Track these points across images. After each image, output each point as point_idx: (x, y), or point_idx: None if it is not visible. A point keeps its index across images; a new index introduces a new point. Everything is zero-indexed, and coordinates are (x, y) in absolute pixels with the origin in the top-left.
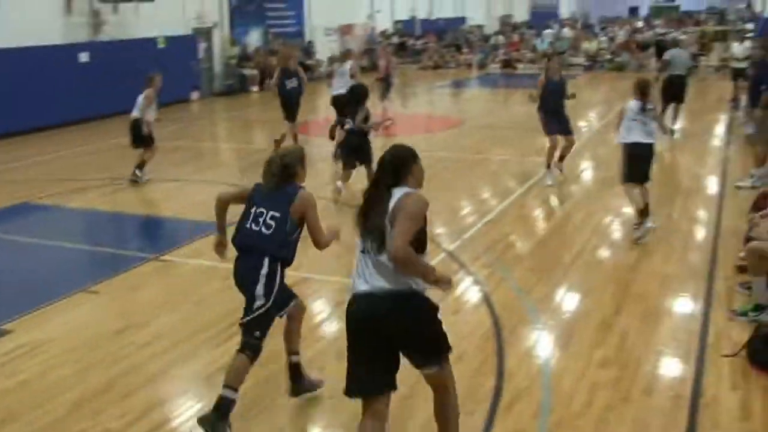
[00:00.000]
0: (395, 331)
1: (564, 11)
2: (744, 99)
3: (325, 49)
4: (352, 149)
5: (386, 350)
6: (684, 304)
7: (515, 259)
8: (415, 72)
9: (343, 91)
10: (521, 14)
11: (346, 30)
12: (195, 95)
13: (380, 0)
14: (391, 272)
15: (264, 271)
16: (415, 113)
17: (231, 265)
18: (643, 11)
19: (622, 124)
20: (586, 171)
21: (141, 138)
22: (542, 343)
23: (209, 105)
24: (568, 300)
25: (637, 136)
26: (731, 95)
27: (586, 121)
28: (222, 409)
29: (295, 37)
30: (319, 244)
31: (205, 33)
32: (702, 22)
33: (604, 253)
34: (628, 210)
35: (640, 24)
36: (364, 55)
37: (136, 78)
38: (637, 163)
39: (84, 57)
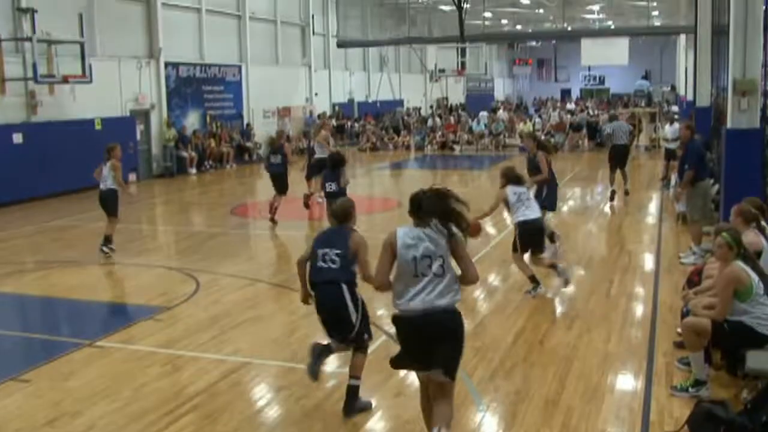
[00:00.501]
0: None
1: (498, 94)
2: (674, 178)
3: (263, 131)
4: None
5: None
6: (625, 382)
7: None
8: (354, 154)
9: (323, 155)
10: (457, 97)
11: (284, 113)
12: (132, 177)
13: (318, 83)
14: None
15: (347, 295)
16: (354, 194)
17: (174, 351)
18: (575, 93)
19: (512, 207)
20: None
21: (115, 209)
22: (486, 426)
23: (147, 187)
24: (511, 380)
25: (529, 215)
26: (663, 174)
27: None
28: (352, 391)
29: (234, 119)
30: (369, 279)
31: (142, 115)
32: (630, 104)
33: (544, 331)
34: (569, 289)
35: (572, 106)
36: (303, 137)
37: (71, 160)
38: (531, 237)
39: (18, 138)
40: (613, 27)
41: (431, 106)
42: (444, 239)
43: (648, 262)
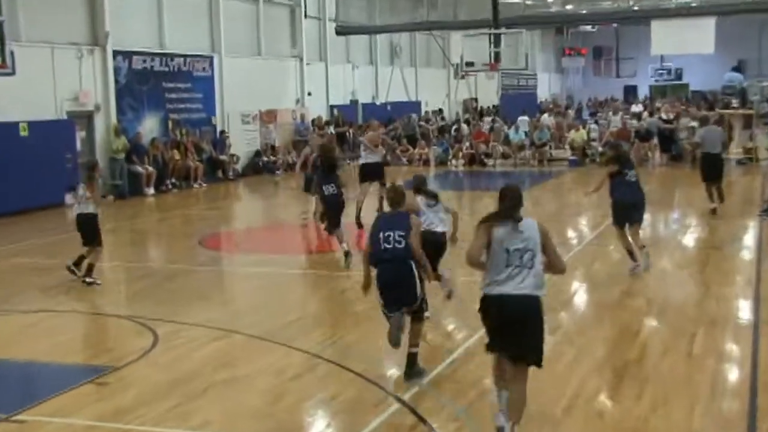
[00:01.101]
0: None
1: (543, 93)
2: None
3: (241, 140)
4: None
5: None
6: None
7: (492, 409)
8: (357, 168)
9: (374, 159)
10: (489, 97)
11: (268, 117)
12: (70, 199)
13: (312, 80)
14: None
15: (414, 271)
16: (353, 223)
17: (122, 425)
18: (643, 91)
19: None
20: (579, 293)
21: (95, 235)
22: None
23: None
24: None
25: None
26: (764, 196)
27: (574, 231)
28: (412, 359)
29: (204, 125)
30: (416, 253)
31: (84, 118)
32: (716, 104)
33: (605, 399)
34: (636, 345)
35: (638, 107)
36: (293, 148)
37: None
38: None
39: None
40: (694, 4)
41: (458, 112)
42: (536, 234)
43: (743, 310)
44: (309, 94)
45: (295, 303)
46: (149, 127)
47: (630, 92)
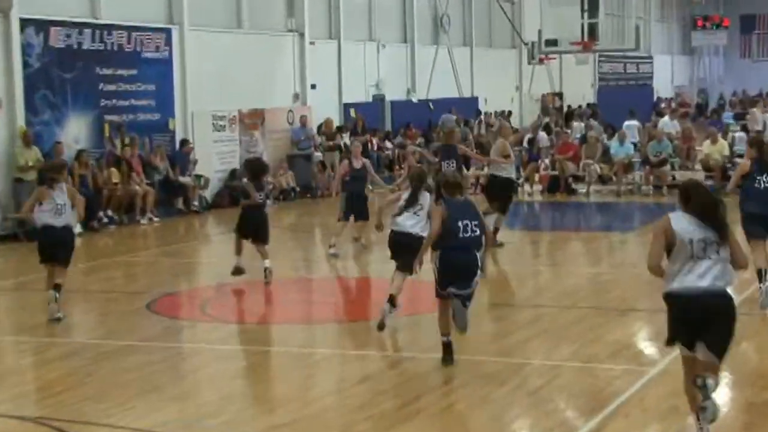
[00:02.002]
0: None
1: (662, 86)
2: None
3: (212, 155)
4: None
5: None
6: None
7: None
8: (382, 199)
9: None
10: (580, 91)
11: (252, 121)
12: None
13: (317, 66)
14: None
15: (479, 261)
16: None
17: None
18: None
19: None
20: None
21: (71, 253)
22: None
23: None
24: None
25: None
26: None
27: None
28: (450, 349)
29: (157, 131)
30: (488, 237)
31: None
32: None
33: None
34: None
35: None
36: (289, 167)
37: None
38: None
39: None
40: None
41: (539, 116)
42: (715, 229)
43: None
44: (313, 87)
45: (285, 397)
46: (74, 133)
47: None
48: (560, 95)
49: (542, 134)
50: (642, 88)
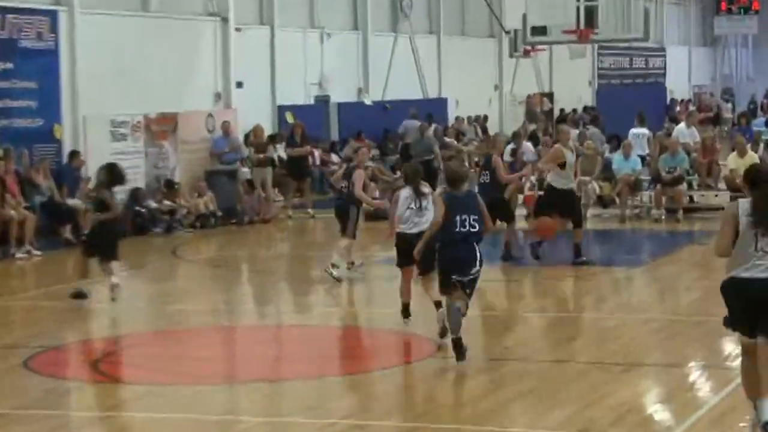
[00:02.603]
0: None
1: (678, 84)
2: None
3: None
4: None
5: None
6: None
7: None
8: (325, 226)
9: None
10: (576, 91)
11: (162, 128)
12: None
13: (246, 60)
14: None
15: (478, 253)
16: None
17: None
18: None
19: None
20: None
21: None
22: None
23: None
24: None
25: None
26: None
27: None
28: (461, 345)
29: (39, 140)
30: (488, 227)
31: None
32: None
33: None
34: None
35: None
36: (208, 188)
37: None
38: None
39: None
40: None
41: (525, 122)
42: None
43: None
44: (239, 85)
45: None
46: None
47: None
48: (550, 96)
49: (527, 145)
50: (652, 88)
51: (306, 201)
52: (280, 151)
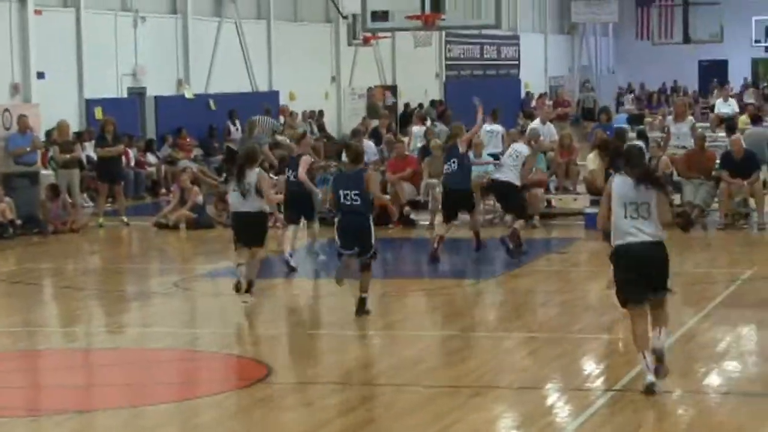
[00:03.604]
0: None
1: (531, 77)
2: None
3: None
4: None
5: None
6: None
7: None
8: (143, 235)
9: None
10: (420, 85)
11: None
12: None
13: (49, 48)
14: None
15: (369, 223)
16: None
17: None
18: (739, 72)
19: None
20: None
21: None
22: None
23: None
24: None
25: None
26: None
27: None
28: (363, 302)
29: None
30: (378, 198)
31: None
32: None
33: None
34: None
35: (728, 105)
36: (5, 193)
37: None
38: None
39: None
40: None
41: (364, 118)
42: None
43: None
44: (40, 76)
45: None
46: None
47: (711, 74)
48: (393, 89)
49: (368, 143)
50: (506, 80)
51: (119, 207)
52: (89, 151)
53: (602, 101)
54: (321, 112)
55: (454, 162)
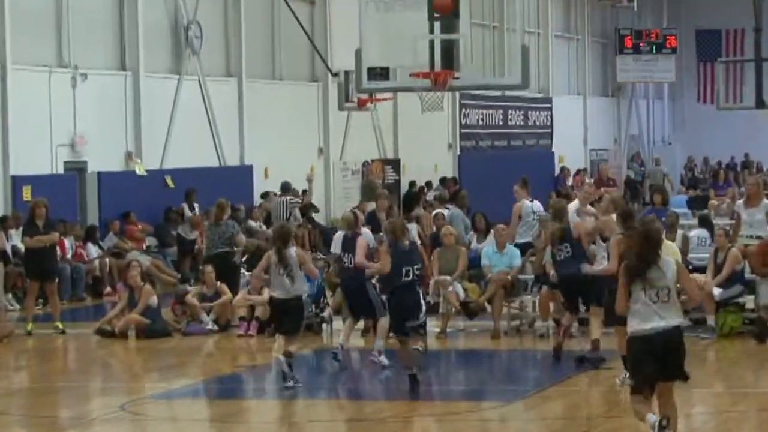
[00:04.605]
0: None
1: (565, 149)
2: None
3: None
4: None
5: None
6: None
7: None
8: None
9: None
10: (429, 158)
11: None
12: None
13: None
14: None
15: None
16: None
17: None
18: None
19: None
20: None
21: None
22: None
23: None
24: None
25: None
26: None
27: None
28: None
29: None
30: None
31: None
32: None
33: None
34: None
35: None
36: None
37: None
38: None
39: None
40: None
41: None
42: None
43: None
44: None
45: None
46: None
47: None
48: (396, 164)
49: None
50: (535, 152)
51: (53, 310)
52: (15, 241)
53: (654, 179)
54: (304, 193)
55: (566, 247)
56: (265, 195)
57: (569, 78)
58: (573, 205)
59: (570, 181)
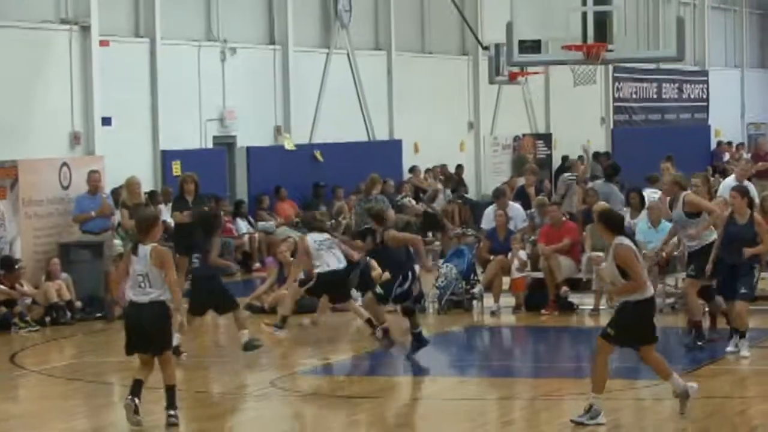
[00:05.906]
0: None
1: (724, 120)
2: None
3: None
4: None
5: None
6: None
7: None
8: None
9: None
10: (581, 133)
11: None
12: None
13: (118, 86)
14: None
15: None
16: None
17: None
18: None
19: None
20: None
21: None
22: None
23: None
24: None
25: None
26: None
27: None
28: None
29: None
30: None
31: None
32: None
33: None
34: None
35: None
36: (55, 262)
37: None
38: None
39: None
40: None
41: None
42: None
43: None
44: (106, 122)
45: None
46: None
47: None
48: (547, 138)
49: (515, 206)
50: (690, 127)
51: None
52: (166, 216)
53: None
54: (460, 167)
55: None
56: (412, 169)
57: (726, 50)
58: (729, 181)
59: (726, 156)
